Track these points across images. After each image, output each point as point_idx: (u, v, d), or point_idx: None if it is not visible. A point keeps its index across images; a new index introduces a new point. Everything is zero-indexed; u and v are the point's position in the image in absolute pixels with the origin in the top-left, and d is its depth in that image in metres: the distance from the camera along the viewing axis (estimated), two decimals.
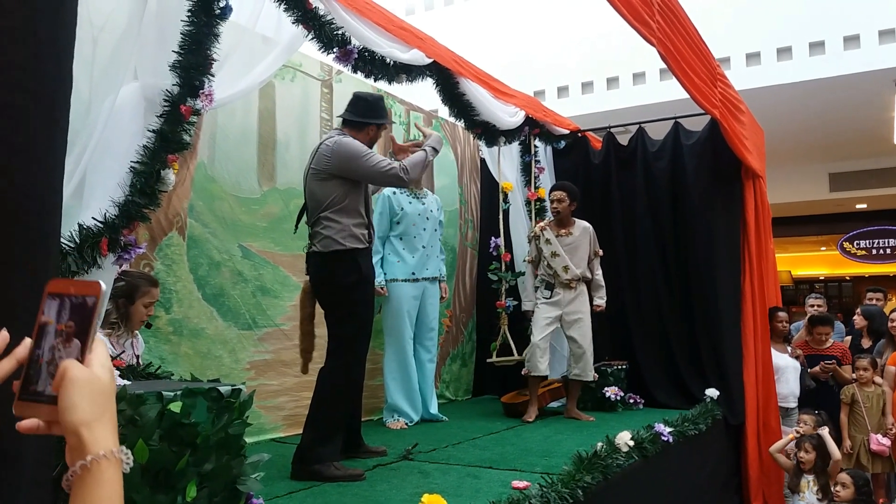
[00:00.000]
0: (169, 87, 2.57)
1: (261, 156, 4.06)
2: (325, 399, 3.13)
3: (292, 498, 2.72)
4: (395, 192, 4.63)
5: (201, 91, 2.61)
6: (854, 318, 5.96)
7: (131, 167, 2.46)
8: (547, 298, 4.78)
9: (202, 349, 3.63)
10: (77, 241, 2.26)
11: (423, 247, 4.63)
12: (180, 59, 2.58)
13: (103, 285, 0.85)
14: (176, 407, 1.90)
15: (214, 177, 3.77)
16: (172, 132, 2.54)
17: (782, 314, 5.49)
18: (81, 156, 2.37)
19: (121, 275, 2.70)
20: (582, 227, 4.90)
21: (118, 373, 1.92)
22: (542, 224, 4.92)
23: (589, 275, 4.85)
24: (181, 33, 2.60)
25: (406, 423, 4.40)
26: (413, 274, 4.58)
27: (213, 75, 2.65)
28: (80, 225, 2.30)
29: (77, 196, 2.39)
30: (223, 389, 2.03)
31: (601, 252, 4.97)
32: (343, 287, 3.18)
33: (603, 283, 4.92)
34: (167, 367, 2.89)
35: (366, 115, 3.37)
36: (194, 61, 2.60)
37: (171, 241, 3.50)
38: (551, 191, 4.97)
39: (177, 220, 3.54)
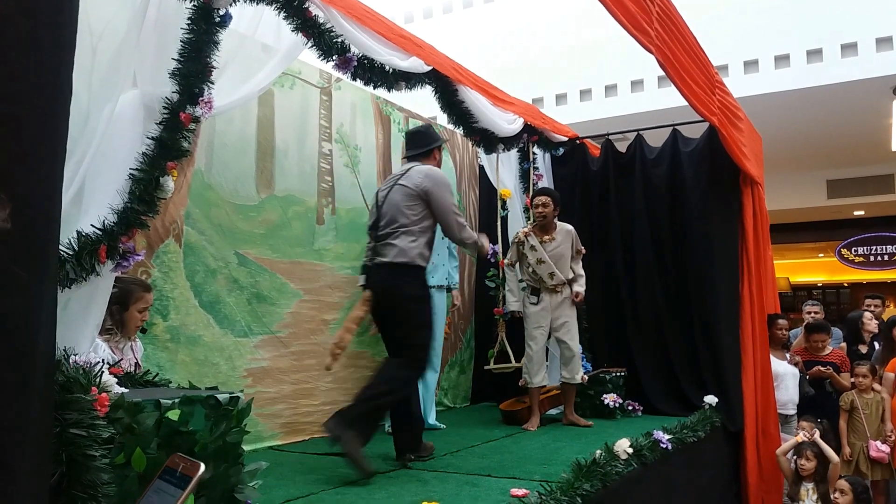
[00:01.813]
0: (168, 94, 2.56)
1: (259, 163, 4.06)
2: (386, 382, 3.36)
3: None
4: None
5: (201, 98, 2.61)
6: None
7: (130, 174, 2.46)
8: (534, 304, 4.77)
9: (199, 356, 3.62)
10: (75, 248, 2.25)
11: None
12: (180, 66, 2.58)
13: (202, 467, 1.17)
14: (174, 415, 1.89)
15: (212, 184, 3.77)
16: (172, 139, 2.53)
17: (782, 321, 5.50)
18: (80, 163, 2.37)
19: (114, 281, 2.70)
20: (564, 230, 4.88)
21: (115, 380, 1.91)
22: (525, 230, 4.89)
23: (572, 275, 4.84)
24: (181, 41, 2.60)
25: None
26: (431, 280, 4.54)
27: (212, 83, 2.65)
28: (78, 232, 2.29)
29: (76, 203, 2.39)
30: (221, 397, 2.02)
31: (583, 250, 4.93)
32: (416, 299, 3.50)
33: (582, 273, 4.88)
34: (165, 375, 2.88)
35: (428, 143, 3.80)
36: (194, 69, 2.60)
37: (167, 248, 3.50)
38: (535, 195, 4.95)
39: (173, 228, 3.54)
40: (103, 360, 2.03)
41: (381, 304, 3.51)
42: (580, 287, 4.85)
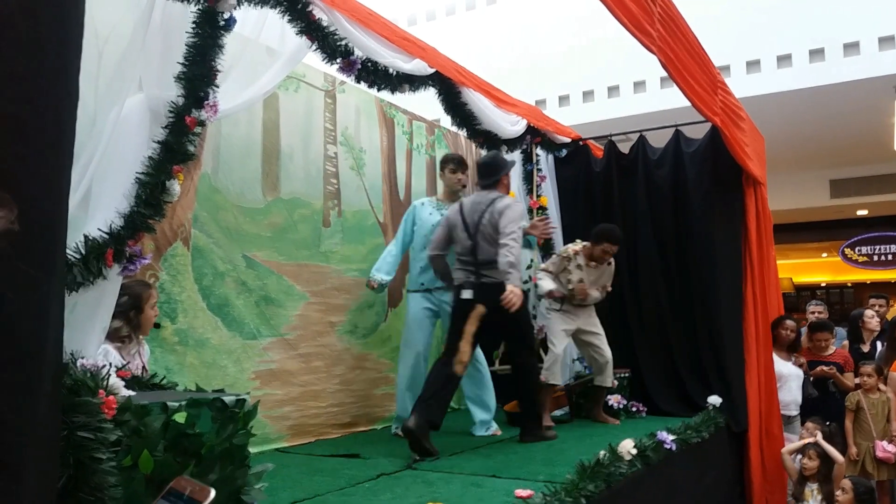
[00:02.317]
0: (174, 98, 2.58)
1: (265, 166, 4.08)
2: (532, 386, 4.25)
3: None
4: (422, 203, 4.70)
5: (206, 102, 2.62)
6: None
7: (137, 178, 2.47)
8: (558, 309, 4.81)
9: (207, 359, 3.64)
10: (83, 252, 2.27)
11: None
12: (185, 70, 2.60)
13: (213, 493, 1.14)
14: (180, 417, 1.90)
15: (218, 187, 3.78)
16: (177, 143, 2.55)
17: (790, 323, 5.46)
18: (87, 167, 2.38)
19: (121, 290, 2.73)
20: (611, 265, 4.94)
21: (123, 383, 1.93)
22: (576, 248, 4.85)
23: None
24: (186, 45, 2.62)
25: None
26: (423, 284, 4.53)
27: (217, 86, 2.66)
28: (85, 236, 2.30)
29: (83, 207, 2.40)
30: (227, 399, 2.03)
31: (610, 289, 4.99)
32: (524, 306, 4.10)
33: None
34: (172, 378, 2.89)
35: (497, 173, 4.18)
36: (199, 72, 2.61)
37: (175, 251, 3.52)
38: (612, 242, 4.79)
39: (181, 231, 3.55)
40: (111, 364, 2.05)
41: (495, 313, 3.85)
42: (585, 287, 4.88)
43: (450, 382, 3.88)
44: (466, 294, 3.98)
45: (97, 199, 2.43)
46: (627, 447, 3.39)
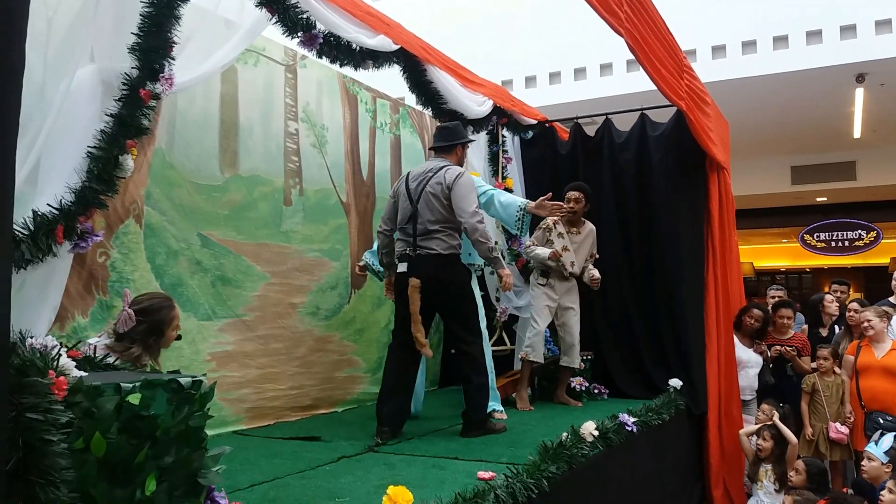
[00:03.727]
0: (127, 70, 2.49)
1: (222, 142, 3.97)
2: (477, 373, 3.84)
3: (254, 490, 2.68)
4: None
5: (161, 75, 2.55)
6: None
7: (88, 152, 2.39)
8: (543, 285, 4.84)
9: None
10: (31, 228, 2.19)
11: None
12: (139, 41, 2.52)
13: None
14: (135, 399, 1.84)
15: (173, 163, 3.67)
16: (131, 116, 2.47)
17: (757, 312, 5.49)
18: (35, 140, 2.29)
19: (137, 314, 2.58)
20: (588, 228, 4.99)
21: (74, 363, 1.86)
22: (555, 218, 4.87)
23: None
24: (140, 15, 2.53)
25: None
26: None
27: (173, 58, 2.59)
28: (34, 211, 2.22)
29: (31, 182, 2.31)
30: (183, 381, 1.98)
31: (597, 255, 5.06)
32: (467, 284, 3.92)
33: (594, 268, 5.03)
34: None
35: (454, 139, 4.04)
36: (154, 44, 2.53)
37: (127, 229, 3.41)
38: (568, 190, 4.90)
39: (133, 208, 3.44)
40: (61, 344, 1.97)
41: (433, 290, 3.72)
42: (596, 271, 4.94)
43: (408, 370, 3.86)
44: (401, 267, 3.84)
45: (46, 173, 2.34)
46: (589, 429, 3.41)
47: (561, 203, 4.52)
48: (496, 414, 4.17)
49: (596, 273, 4.92)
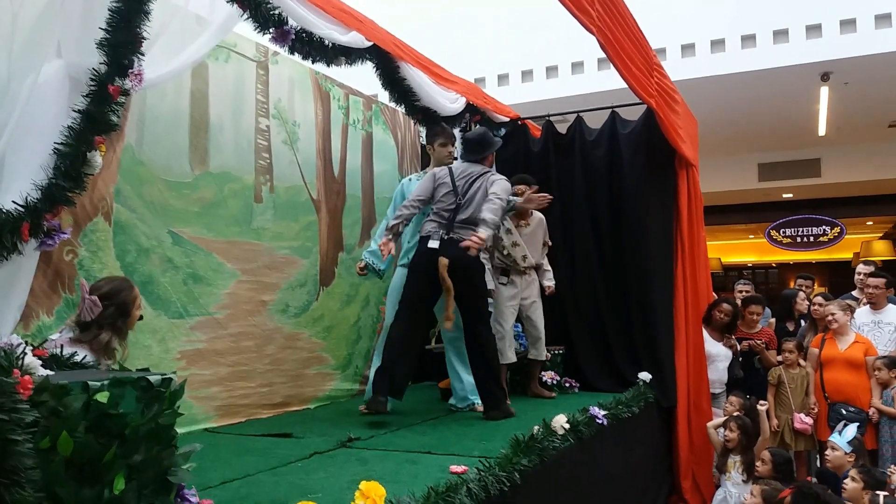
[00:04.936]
0: (95, 65, 2.46)
1: (193, 139, 3.93)
2: (490, 357, 4.13)
3: (226, 488, 2.67)
4: (410, 179, 4.74)
5: (130, 70, 2.52)
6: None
7: (55, 149, 2.36)
8: (504, 284, 4.85)
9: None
10: None
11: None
12: (108, 36, 2.48)
13: None
14: (103, 397, 1.83)
15: (143, 160, 3.63)
16: (99, 113, 2.44)
17: (726, 306, 5.56)
18: None
19: (101, 299, 2.65)
20: (537, 218, 5.02)
21: (40, 362, 1.84)
22: None
23: (539, 262, 4.99)
24: (109, 9, 2.50)
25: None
26: (405, 259, 4.51)
27: (142, 54, 2.56)
28: None
29: None
30: (153, 379, 1.97)
31: (550, 243, 5.13)
32: (483, 277, 4.25)
33: (549, 268, 5.10)
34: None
35: (486, 150, 4.37)
36: (123, 39, 2.50)
37: (96, 226, 3.37)
38: (514, 183, 4.88)
39: (102, 205, 3.40)
40: (26, 342, 1.96)
41: (459, 271, 3.94)
42: (550, 282, 5.02)
43: (410, 349, 4.05)
44: (433, 244, 4.01)
45: (12, 170, 2.31)
46: (560, 422, 3.44)
47: (548, 195, 4.66)
48: (476, 407, 4.27)
49: (548, 283, 5.01)
